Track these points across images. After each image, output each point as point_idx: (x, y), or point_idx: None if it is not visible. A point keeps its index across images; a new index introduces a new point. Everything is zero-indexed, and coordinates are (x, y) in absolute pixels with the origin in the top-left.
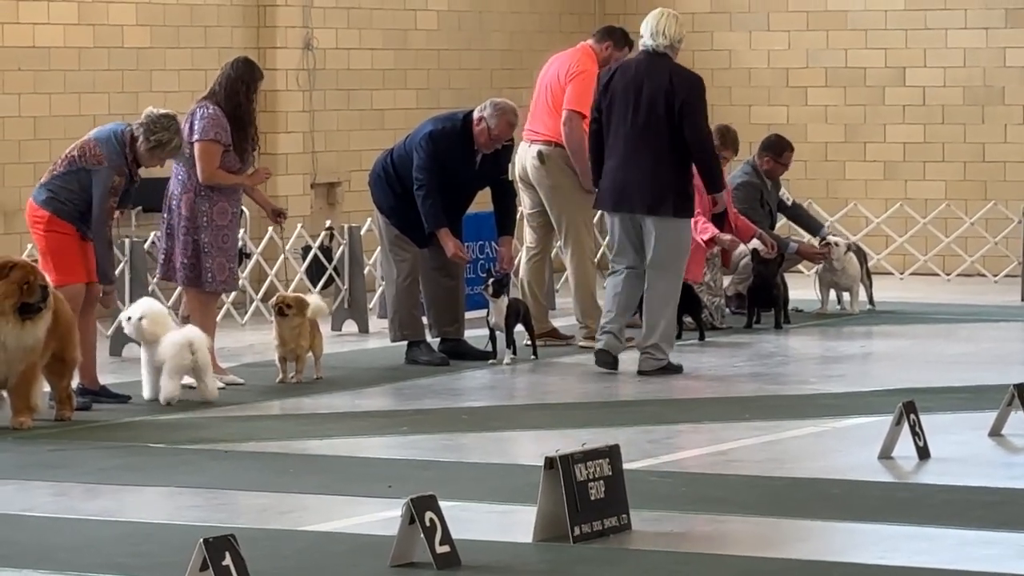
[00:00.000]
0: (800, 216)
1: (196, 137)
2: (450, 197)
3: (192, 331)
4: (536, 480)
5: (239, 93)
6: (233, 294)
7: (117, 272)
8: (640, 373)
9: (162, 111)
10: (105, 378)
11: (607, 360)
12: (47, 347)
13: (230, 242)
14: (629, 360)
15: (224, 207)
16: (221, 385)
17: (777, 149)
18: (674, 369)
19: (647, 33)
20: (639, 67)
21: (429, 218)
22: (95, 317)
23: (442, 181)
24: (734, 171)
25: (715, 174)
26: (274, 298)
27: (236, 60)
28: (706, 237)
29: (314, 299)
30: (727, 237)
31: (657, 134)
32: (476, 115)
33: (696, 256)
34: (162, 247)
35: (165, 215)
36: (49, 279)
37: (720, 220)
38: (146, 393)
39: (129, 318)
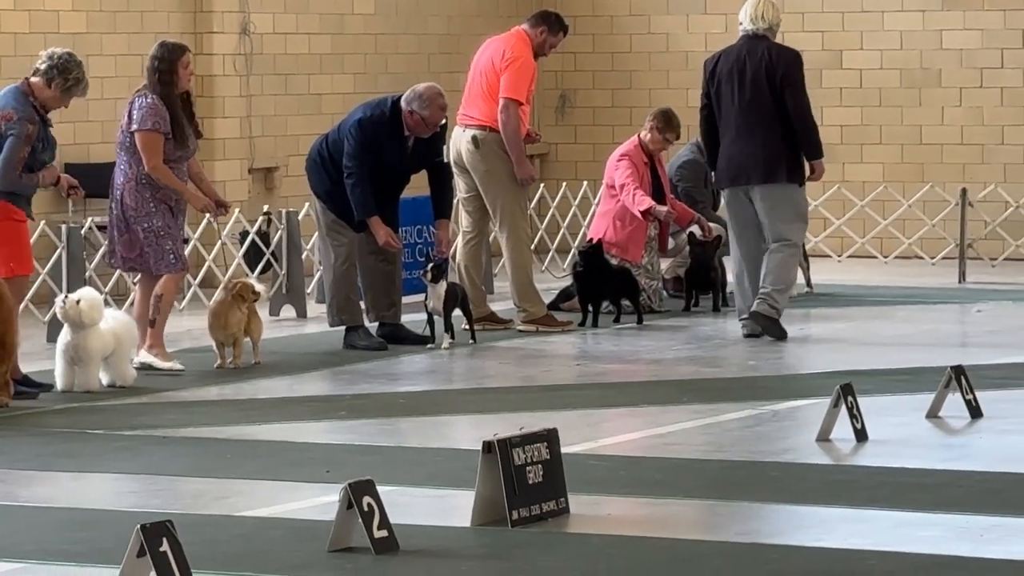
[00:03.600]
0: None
1: (135, 127)
2: (383, 183)
3: (119, 319)
4: (474, 464)
5: (164, 73)
6: None
7: (53, 259)
8: (752, 314)
9: (64, 50)
10: (41, 364)
11: (759, 329)
12: None
13: (175, 227)
14: (562, 343)
15: (165, 195)
16: (143, 360)
17: None
18: (779, 332)
19: (746, 18)
20: (740, 51)
21: (359, 207)
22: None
23: (374, 168)
24: (678, 153)
25: (814, 141)
26: (232, 284)
27: (157, 44)
28: (643, 208)
29: (256, 283)
30: (664, 209)
31: (763, 109)
32: (405, 107)
33: (635, 237)
34: (110, 236)
35: (112, 205)
36: None
37: (660, 199)
38: (60, 384)
39: (65, 300)
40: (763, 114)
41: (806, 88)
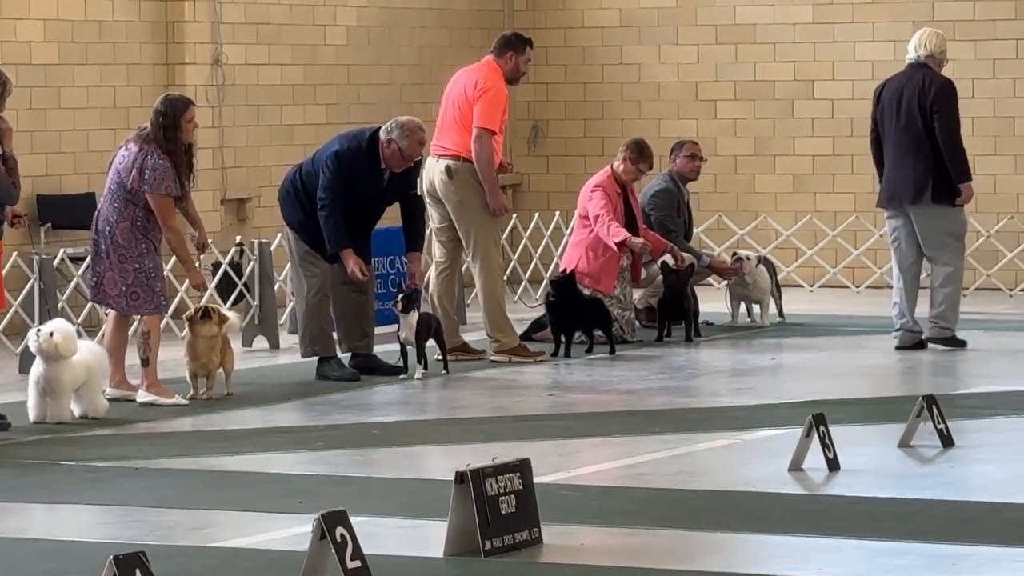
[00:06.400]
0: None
1: (148, 189)
2: (358, 215)
3: (92, 350)
4: (447, 495)
5: (168, 128)
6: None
7: (25, 291)
8: (929, 340)
9: None
10: (14, 396)
11: (911, 344)
12: None
13: (160, 267)
14: (535, 373)
15: (157, 236)
16: (145, 398)
17: (685, 150)
18: (959, 343)
19: (911, 47)
20: (902, 79)
21: (331, 240)
22: None
23: (349, 200)
24: (651, 183)
25: (960, 166)
26: (191, 309)
27: (161, 98)
28: (618, 240)
29: (230, 313)
30: (639, 241)
31: (915, 134)
32: (384, 137)
33: (608, 268)
34: (92, 270)
35: (95, 237)
36: None
37: (633, 229)
38: (32, 415)
39: (38, 333)
40: (915, 139)
41: (958, 116)
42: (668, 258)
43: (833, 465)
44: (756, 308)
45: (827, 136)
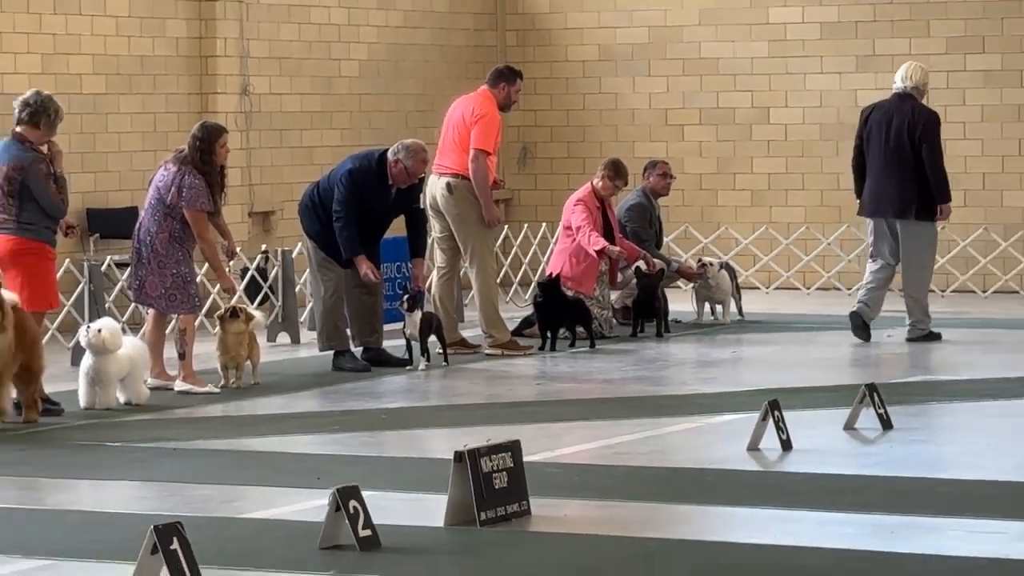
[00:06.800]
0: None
1: (185, 204)
2: (368, 226)
3: (135, 345)
4: (447, 472)
5: (204, 151)
6: None
7: (76, 293)
8: (908, 340)
9: (32, 92)
10: (66, 385)
11: (859, 323)
12: (15, 358)
13: (194, 271)
14: (524, 365)
15: (191, 245)
16: (181, 387)
17: (658, 169)
18: (935, 336)
19: (898, 78)
20: (890, 106)
21: (346, 247)
22: None
23: (360, 212)
24: (626, 198)
25: (943, 188)
26: (222, 309)
27: (198, 125)
28: (597, 248)
29: (256, 312)
30: (616, 249)
31: (902, 157)
32: (392, 157)
33: (589, 272)
34: (134, 274)
35: (136, 245)
36: (17, 299)
37: (610, 238)
38: (83, 402)
39: (88, 330)
40: (902, 161)
41: (941, 145)
42: (641, 264)
43: (786, 446)
44: (719, 308)
45: (781, 157)
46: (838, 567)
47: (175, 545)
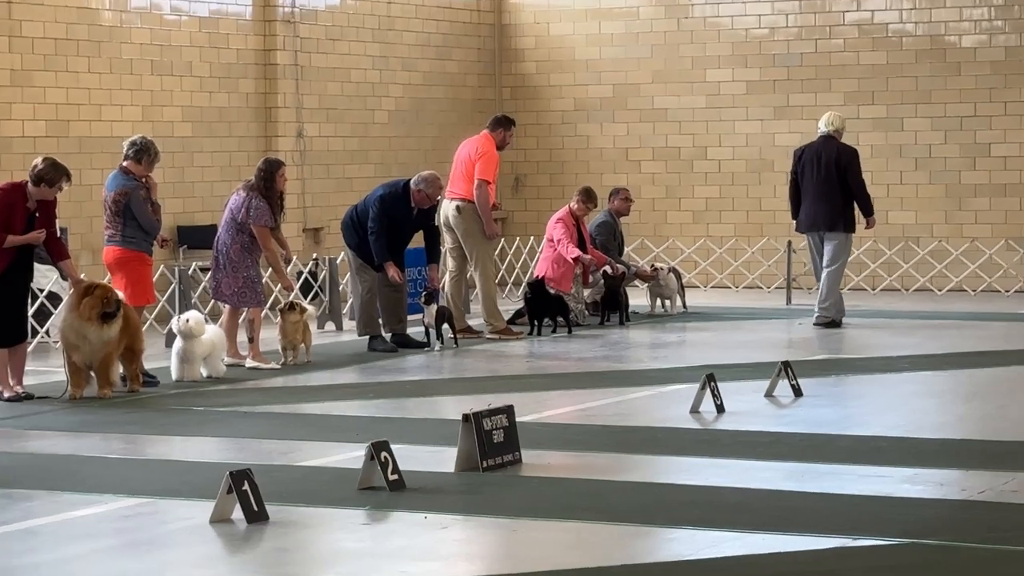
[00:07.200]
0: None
1: (252, 222)
2: (395, 238)
3: (215, 331)
4: (456, 430)
5: (267, 180)
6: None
7: (168, 291)
8: (815, 324)
9: (139, 136)
10: (161, 363)
11: (827, 325)
12: (121, 341)
13: (259, 274)
14: (517, 347)
15: (257, 254)
16: (251, 364)
17: (621, 194)
18: (836, 324)
19: (822, 124)
20: (818, 146)
21: (378, 255)
22: None
23: (389, 228)
24: (595, 217)
25: (868, 205)
26: (282, 303)
27: (262, 160)
28: (574, 256)
29: (308, 306)
30: (588, 257)
31: (832, 184)
32: (414, 186)
33: (567, 275)
34: (212, 276)
35: (215, 254)
36: (122, 295)
37: (583, 248)
38: (174, 375)
39: (179, 319)
40: (831, 188)
41: (861, 171)
42: (608, 268)
43: (720, 409)
44: (668, 302)
45: (715, 185)
46: (757, 502)
47: (246, 487)
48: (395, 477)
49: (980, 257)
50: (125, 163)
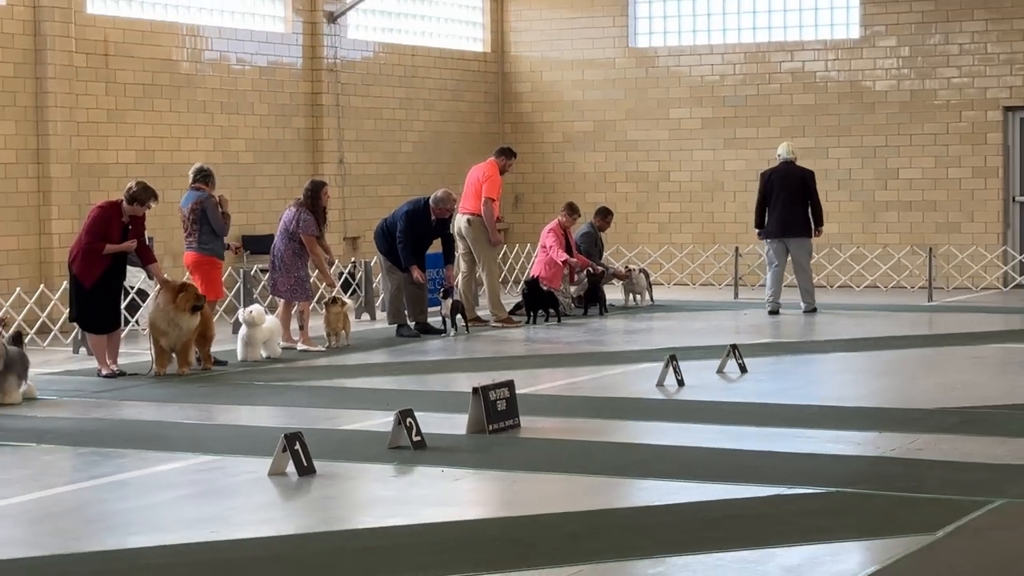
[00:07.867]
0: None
1: (302, 231)
2: (418, 245)
3: (273, 320)
4: (467, 400)
5: (313, 197)
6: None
7: (235, 288)
8: (804, 312)
9: (202, 163)
10: (229, 346)
11: (776, 311)
12: (197, 329)
13: (308, 276)
14: (516, 334)
15: (306, 258)
16: (302, 347)
17: (603, 213)
18: (814, 310)
19: (782, 151)
20: (783, 169)
21: (405, 259)
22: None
23: (413, 237)
24: (580, 228)
25: (821, 218)
26: (327, 297)
27: (309, 181)
28: (562, 259)
29: (348, 300)
30: (574, 260)
31: (796, 200)
32: (433, 203)
33: (557, 275)
34: (270, 276)
35: (272, 258)
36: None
37: (570, 253)
38: (239, 356)
39: (243, 311)
40: (795, 203)
41: (818, 190)
42: (590, 269)
43: (680, 383)
44: (639, 297)
45: (677, 202)
46: (711, 458)
47: (297, 446)
48: (418, 438)
49: (890, 260)
50: (194, 184)
